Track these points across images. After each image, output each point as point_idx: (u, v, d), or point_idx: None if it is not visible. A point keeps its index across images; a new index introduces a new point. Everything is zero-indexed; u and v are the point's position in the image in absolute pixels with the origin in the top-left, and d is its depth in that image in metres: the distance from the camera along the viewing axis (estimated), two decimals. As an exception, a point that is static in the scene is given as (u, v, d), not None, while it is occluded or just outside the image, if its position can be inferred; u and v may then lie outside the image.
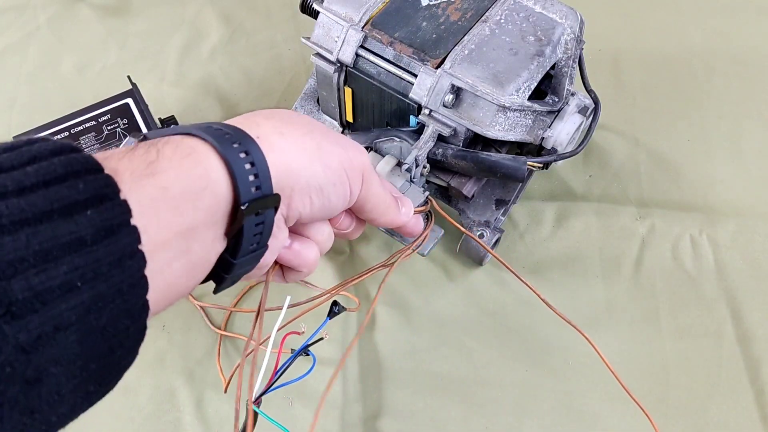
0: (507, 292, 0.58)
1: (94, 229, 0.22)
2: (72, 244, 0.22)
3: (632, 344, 0.56)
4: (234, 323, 0.58)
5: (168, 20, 0.78)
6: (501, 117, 0.50)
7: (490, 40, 0.50)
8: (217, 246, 0.28)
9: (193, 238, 0.26)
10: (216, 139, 0.27)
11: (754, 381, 0.54)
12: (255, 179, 0.28)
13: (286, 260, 0.35)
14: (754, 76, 0.71)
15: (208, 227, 0.27)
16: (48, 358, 0.21)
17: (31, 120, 0.65)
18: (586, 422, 0.53)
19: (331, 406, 0.54)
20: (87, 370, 0.23)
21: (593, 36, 0.59)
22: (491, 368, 0.56)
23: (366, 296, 0.59)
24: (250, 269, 0.32)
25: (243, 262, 0.30)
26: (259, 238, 0.29)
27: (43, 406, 0.22)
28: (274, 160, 0.29)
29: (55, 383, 0.22)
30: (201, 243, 0.27)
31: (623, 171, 0.65)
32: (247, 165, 0.28)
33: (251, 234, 0.29)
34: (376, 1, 0.53)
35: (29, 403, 0.21)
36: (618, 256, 0.60)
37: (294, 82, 0.73)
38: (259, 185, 0.28)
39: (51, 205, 0.22)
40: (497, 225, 0.58)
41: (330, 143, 0.33)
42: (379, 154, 0.52)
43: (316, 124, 0.33)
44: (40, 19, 0.79)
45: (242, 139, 0.28)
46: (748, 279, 0.59)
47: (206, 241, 0.27)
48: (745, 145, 0.66)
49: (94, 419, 0.54)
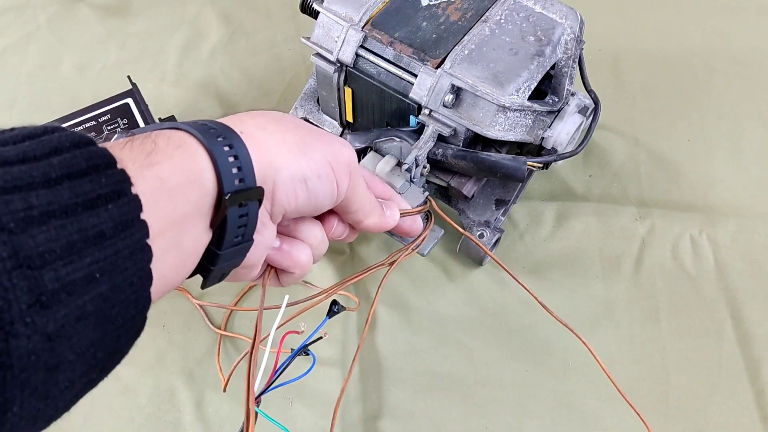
0: (507, 292, 0.58)
1: (113, 222, 0.23)
2: (96, 237, 0.23)
3: (632, 344, 0.56)
4: (234, 323, 0.58)
5: (168, 20, 0.78)
6: (501, 117, 0.50)
7: (490, 40, 0.50)
8: (204, 238, 0.29)
9: (184, 229, 0.27)
10: (201, 133, 0.28)
11: (754, 381, 0.54)
12: (238, 171, 0.29)
13: (277, 261, 0.36)
14: (754, 76, 0.71)
15: (197, 219, 0.28)
16: (67, 347, 0.22)
17: (31, 120, 0.65)
18: (585, 422, 0.53)
19: (331, 406, 0.53)
20: (95, 357, 0.24)
21: (593, 36, 0.59)
22: (491, 368, 0.56)
23: (366, 296, 0.59)
24: (236, 262, 0.32)
25: (228, 254, 0.30)
26: (243, 231, 0.30)
27: (56, 393, 0.23)
28: (257, 154, 0.30)
29: (70, 370, 0.23)
30: (191, 234, 0.28)
31: (623, 171, 0.65)
32: (230, 158, 0.28)
33: (235, 225, 0.29)
34: (376, 1, 0.53)
35: (47, 389, 0.22)
36: (618, 256, 0.60)
37: (294, 82, 0.73)
38: (242, 177, 0.29)
39: (77, 199, 0.23)
40: (497, 225, 0.58)
41: (314, 138, 0.33)
42: (379, 154, 0.52)
43: (302, 123, 0.34)
44: (40, 19, 0.79)
45: (226, 133, 0.29)
46: (748, 279, 0.58)
47: (195, 233, 0.28)
48: (745, 145, 0.66)
49: (95, 419, 0.54)
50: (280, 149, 0.31)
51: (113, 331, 0.24)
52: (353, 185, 0.36)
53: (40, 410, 0.22)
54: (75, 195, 0.23)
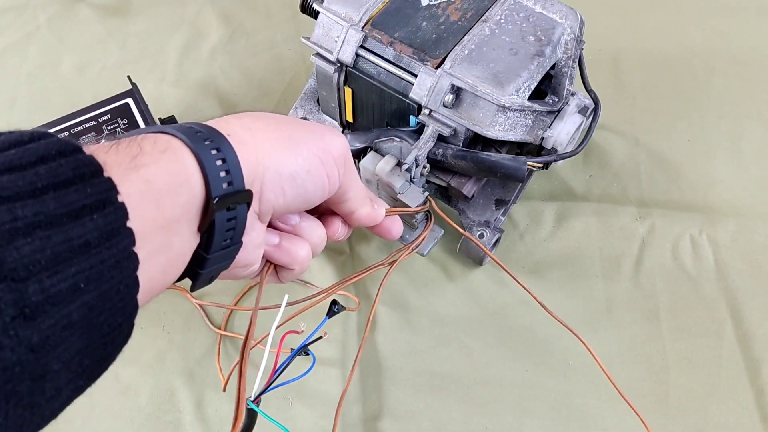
0: (507, 292, 0.58)
1: (99, 232, 0.23)
2: (81, 247, 0.23)
3: (632, 344, 0.56)
4: (234, 323, 0.58)
5: (168, 20, 0.78)
6: (501, 117, 0.50)
7: (490, 40, 0.50)
8: (192, 242, 0.29)
9: (172, 233, 0.27)
10: (189, 137, 0.28)
11: (754, 381, 0.54)
12: (226, 175, 0.28)
13: (276, 258, 0.36)
14: (754, 76, 0.71)
15: (185, 223, 0.28)
16: (53, 356, 0.22)
17: (31, 120, 0.65)
18: (585, 422, 0.53)
19: (332, 406, 0.54)
20: (82, 365, 0.24)
21: (593, 36, 0.59)
22: (491, 368, 0.56)
23: (366, 296, 0.59)
24: (225, 265, 0.32)
25: (216, 257, 0.30)
26: (232, 234, 0.30)
27: (42, 401, 0.23)
28: (245, 156, 0.29)
29: (56, 379, 0.23)
30: (179, 238, 0.28)
31: (623, 171, 0.65)
32: (218, 161, 0.28)
33: (224, 229, 0.29)
34: (376, 1, 0.53)
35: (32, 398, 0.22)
36: (618, 256, 0.60)
37: (294, 82, 0.73)
38: (230, 181, 0.29)
39: (63, 209, 0.23)
40: (497, 225, 0.58)
41: (302, 132, 0.33)
42: (379, 154, 0.52)
43: (289, 119, 0.34)
44: (40, 19, 0.79)
45: (214, 136, 0.29)
46: (748, 279, 0.59)
47: (183, 237, 0.28)
48: (745, 145, 0.66)
49: (94, 419, 0.54)
50: (267, 148, 0.31)
51: (100, 338, 0.24)
52: (347, 174, 0.35)
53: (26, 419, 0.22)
54: (61, 205, 0.23)
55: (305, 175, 0.32)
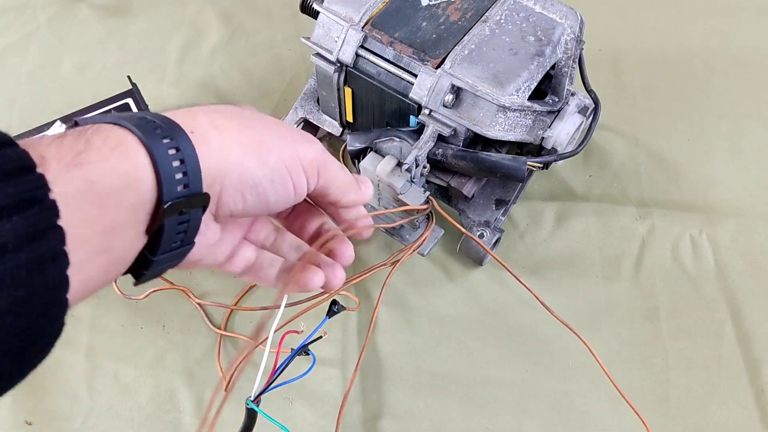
0: (507, 292, 0.58)
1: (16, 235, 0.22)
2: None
3: (632, 344, 0.56)
4: (234, 323, 0.58)
5: (168, 20, 0.78)
6: (501, 117, 0.50)
7: (490, 40, 0.50)
8: (137, 243, 0.27)
9: (114, 236, 0.26)
10: (145, 133, 0.26)
11: (754, 381, 0.54)
12: (183, 177, 0.27)
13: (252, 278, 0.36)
14: (754, 76, 0.71)
15: (130, 225, 0.26)
16: None
17: (31, 120, 0.65)
18: (585, 422, 0.53)
19: (332, 406, 0.54)
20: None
21: (593, 36, 0.59)
22: (491, 368, 0.56)
23: (366, 296, 0.59)
24: (174, 264, 0.31)
25: (163, 259, 0.29)
26: (183, 237, 0.28)
27: None
28: (206, 155, 0.28)
29: None
30: (121, 240, 0.26)
31: (623, 171, 0.65)
32: (175, 162, 0.26)
33: (174, 233, 0.28)
34: (376, 1, 0.53)
35: None
36: (618, 256, 0.60)
37: (294, 82, 0.73)
38: (187, 183, 0.27)
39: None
40: (497, 225, 0.58)
41: (274, 138, 0.31)
42: (379, 154, 0.52)
43: (264, 119, 0.32)
44: (40, 19, 0.79)
45: (174, 133, 0.27)
46: (748, 279, 0.59)
47: (127, 239, 0.26)
48: (745, 145, 0.66)
49: (94, 419, 0.54)
50: (232, 150, 0.29)
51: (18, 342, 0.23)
52: (325, 177, 0.33)
53: None
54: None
55: (268, 184, 0.30)
